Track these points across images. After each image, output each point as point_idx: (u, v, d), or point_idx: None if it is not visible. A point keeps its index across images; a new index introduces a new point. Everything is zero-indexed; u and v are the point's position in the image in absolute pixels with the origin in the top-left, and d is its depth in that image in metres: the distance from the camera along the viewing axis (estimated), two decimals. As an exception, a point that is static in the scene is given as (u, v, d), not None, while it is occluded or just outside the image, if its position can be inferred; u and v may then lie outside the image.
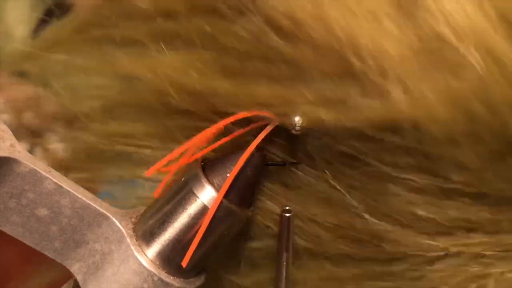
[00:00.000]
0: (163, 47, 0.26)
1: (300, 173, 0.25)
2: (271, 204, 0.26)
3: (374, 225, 0.25)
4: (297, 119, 0.23)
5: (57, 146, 0.80)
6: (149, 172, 0.24)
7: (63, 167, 0.31)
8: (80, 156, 0.31)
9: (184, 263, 0.23)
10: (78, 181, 0.25)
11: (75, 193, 0.24)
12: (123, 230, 0.24)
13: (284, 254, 0.26)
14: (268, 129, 0.24)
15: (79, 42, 0.30)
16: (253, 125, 0.24)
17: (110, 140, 0.29)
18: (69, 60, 0.31)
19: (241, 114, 0.23)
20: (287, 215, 0.26)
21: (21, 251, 0.25)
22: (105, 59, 0.29)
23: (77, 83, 0.31)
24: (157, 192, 0.25)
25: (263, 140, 0.24)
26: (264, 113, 0.24)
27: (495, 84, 0.21)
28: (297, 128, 0.23)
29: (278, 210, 0.26)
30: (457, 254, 0.25)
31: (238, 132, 0.25)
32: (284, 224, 0.26)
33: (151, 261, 0.24)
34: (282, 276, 0.27)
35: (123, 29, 0.28)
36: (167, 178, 0.25)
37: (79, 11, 0.33)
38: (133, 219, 0.25)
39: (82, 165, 0.31)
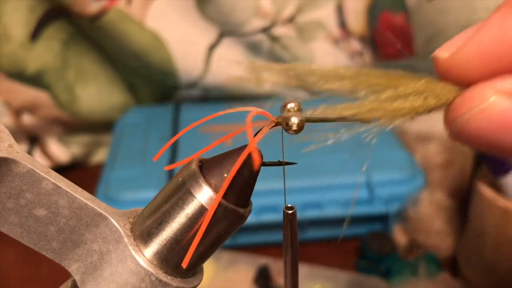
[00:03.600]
0: None
1: None
2: None
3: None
4: (294, 119, 0.23)
5: (55, 148, 0.79)
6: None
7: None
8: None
9: (184, 264, 0.23)
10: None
11: (73, 193, 0.24)
12: (121, 230, 0.24)
13: (289, 251, 0.26)
14: (265, 129, 0.24)
15: None
16: (250, 125, 0.24)
17: None
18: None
19: (239, 108, 0.24)
20: (290, 212, 0.26)
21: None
22: None
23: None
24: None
25: None
26: (262, 113, 0.24)
27: None
28: (294, 128, 0.23)
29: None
30: None
31: (235, 132, 0.25)
32: (287, 221, 0.26)
33: (149, 261, 0.24)
34: (288, 272, 0.27)
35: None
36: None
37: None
38: (131, 219, 0.25)
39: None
